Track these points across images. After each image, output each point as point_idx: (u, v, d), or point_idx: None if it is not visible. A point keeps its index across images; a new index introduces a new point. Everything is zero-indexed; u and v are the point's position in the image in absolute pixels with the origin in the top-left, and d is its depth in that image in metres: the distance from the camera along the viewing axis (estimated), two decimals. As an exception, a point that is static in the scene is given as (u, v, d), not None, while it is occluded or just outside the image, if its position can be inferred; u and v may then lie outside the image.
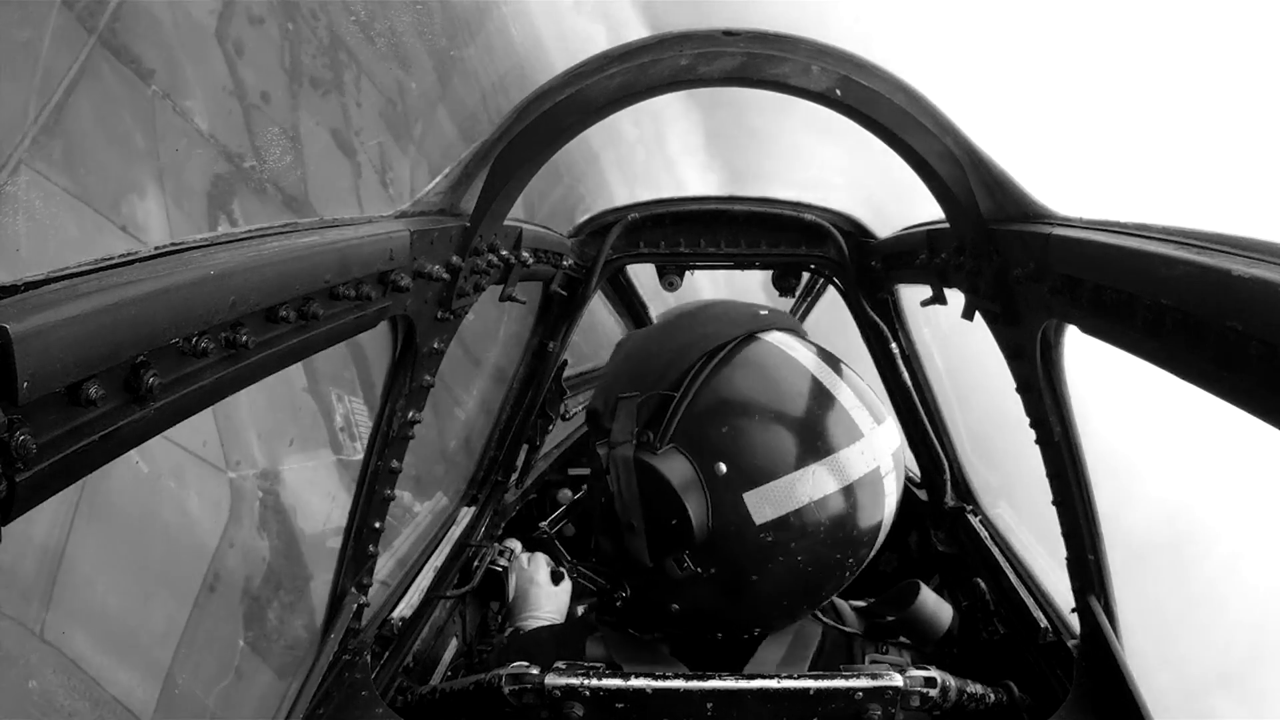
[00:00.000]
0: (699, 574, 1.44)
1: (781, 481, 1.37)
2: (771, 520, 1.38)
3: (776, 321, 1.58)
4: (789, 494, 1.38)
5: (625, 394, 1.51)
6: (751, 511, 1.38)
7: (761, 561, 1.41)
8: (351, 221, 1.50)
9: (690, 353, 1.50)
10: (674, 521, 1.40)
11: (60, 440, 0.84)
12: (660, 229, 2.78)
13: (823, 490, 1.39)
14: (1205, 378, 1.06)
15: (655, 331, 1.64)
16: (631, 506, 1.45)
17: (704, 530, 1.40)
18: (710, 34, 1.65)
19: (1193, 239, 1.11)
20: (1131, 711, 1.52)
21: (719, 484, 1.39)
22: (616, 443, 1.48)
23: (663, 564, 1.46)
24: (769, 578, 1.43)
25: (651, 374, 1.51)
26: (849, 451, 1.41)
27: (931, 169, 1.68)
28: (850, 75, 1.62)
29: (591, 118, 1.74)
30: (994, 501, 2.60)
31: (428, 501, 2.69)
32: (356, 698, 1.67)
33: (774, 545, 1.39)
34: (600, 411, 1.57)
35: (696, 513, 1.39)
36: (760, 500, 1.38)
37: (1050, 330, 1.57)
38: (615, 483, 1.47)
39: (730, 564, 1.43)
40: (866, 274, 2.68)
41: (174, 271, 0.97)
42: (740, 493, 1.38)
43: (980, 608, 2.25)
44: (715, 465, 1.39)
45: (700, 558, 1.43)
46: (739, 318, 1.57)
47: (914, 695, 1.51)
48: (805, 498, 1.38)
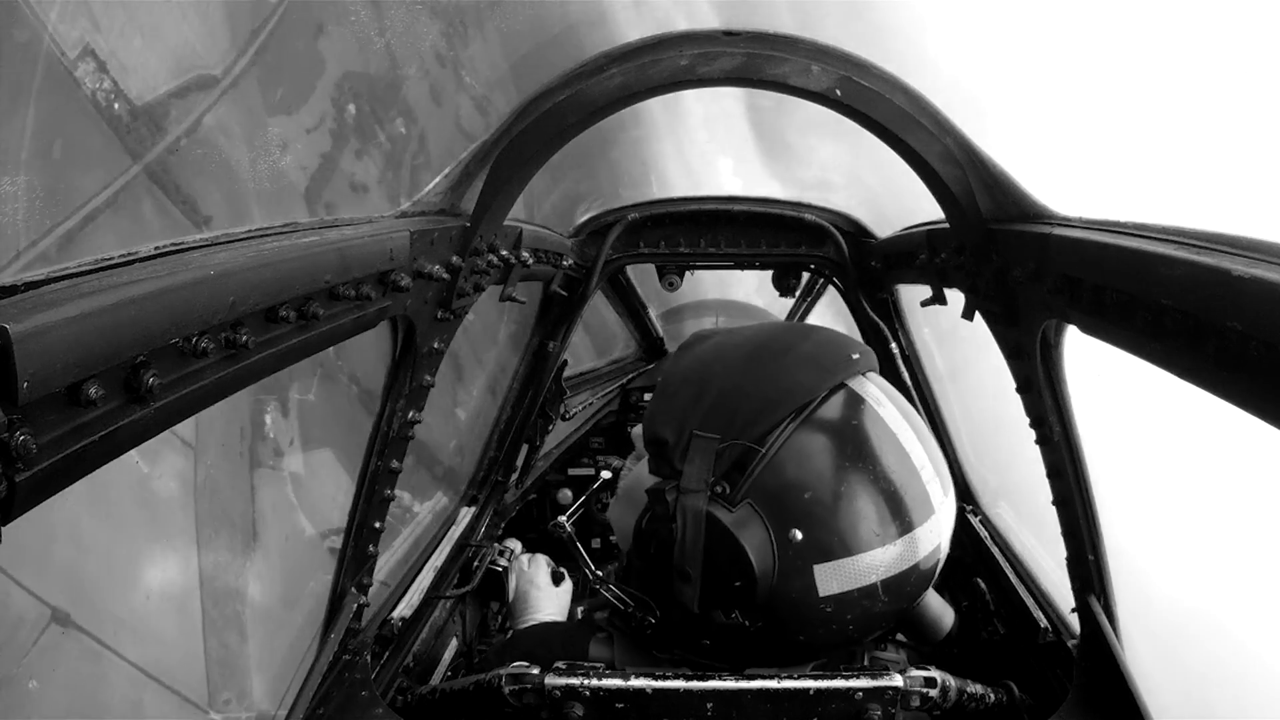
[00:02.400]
0: (745, 626, 1.42)
1: (854, 559, 1.35)
2: (836, 594, 1.36)
3: (864, 364, 1.51)
4: (859, 571, 1.36)
5: (703, 433, 1.41)
6: (818, 583, 1.35)
7: (814, 627, 1.40)
8: (351, 221, 1.50)
9: (782, 404, 1.40)
10: (737, 583, 1.37)
11: (60, 440, 0.84)
12: (660, 229, 2.79)
13: (891, 570, 1.38)
14: (1205, 378, 1.06)
15: (742, 364, 1.49)
16: (693, 557, 1.39)
17: (766, 594, 1.37)
18: (710, 34, 1.65)
19: (1193, 239, 1.11)
20: (1131, 711, 1.52)
21: (790, 551, 1.35)
22: (688, 489, 1.39)
23: (709, 612, 1.43)
24: (815, 639, 1.43)
25: (735, 419, 1.40)
26: (921, 530, 1.40)
27: (931, 169, 1.68)
28: (850, 75, 1.62)
29: (591, 118, 1.74)
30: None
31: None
32: (356, 698, 1.67)
33: (831, 615, 1.38)
34: (669, 444, 1.44)
35: (762, 576, 1.35)
36: (830, 574, 1.35)
37: (1050, 330, 1.57)
38: (680, 530, 1.39)
39: (781, 625, 1.41)
40: (866, 274, 2.68)
41: (174, 271, 0.97)
42: (812, 564, 1.35)
43: (980, 608, 2.25)
44: (791, 532, 1.35)
45: (751, 613, 1.40)
46: (832, 363, 1.47)
47: (914, 695, 1.51)
48: (874, 576, 1.37)
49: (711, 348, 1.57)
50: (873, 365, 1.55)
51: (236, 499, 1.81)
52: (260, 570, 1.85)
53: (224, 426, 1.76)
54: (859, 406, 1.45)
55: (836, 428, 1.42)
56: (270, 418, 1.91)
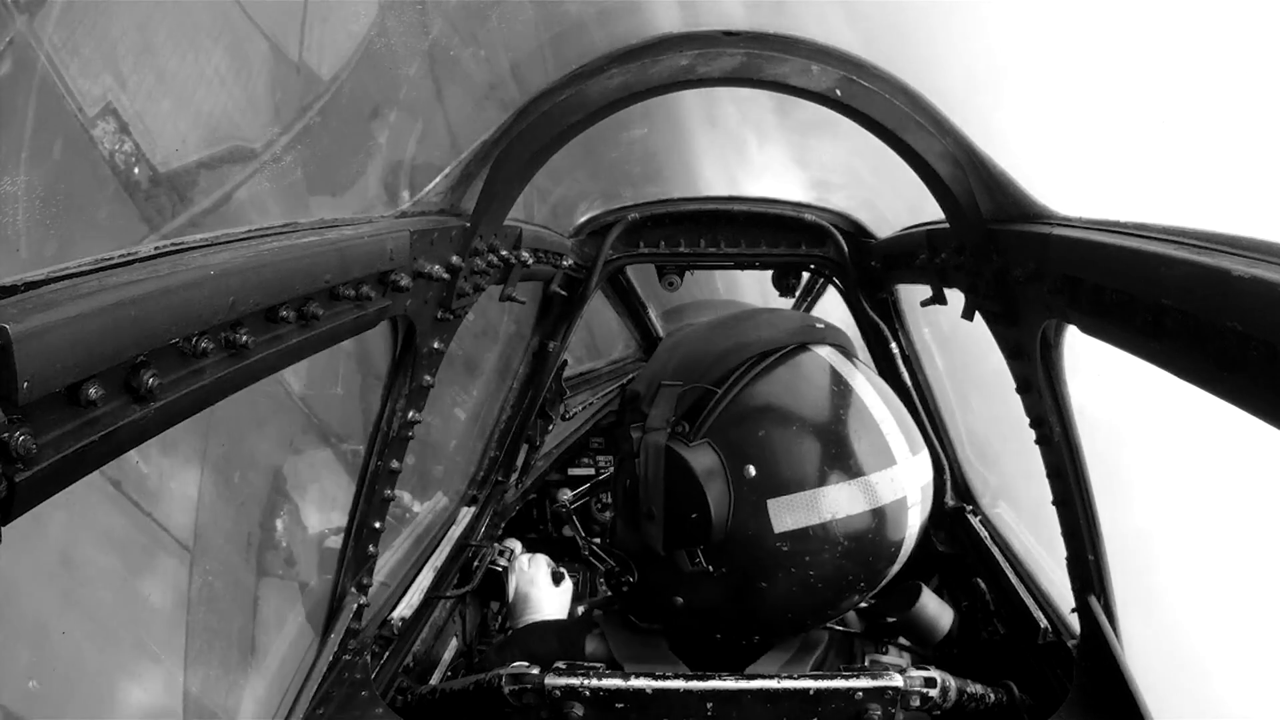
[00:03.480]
0: (709, 571, 1.44)
1: (807, 494, 1.37)
2: (791, 530, 1.38)
3: (830, 336, 1.58)
4: (812, 507, 1.38)
5: (669, 382, 1.52)
6: (772, 518, 1.38)
7: (773, 569, 1.41)
8: (351, 221, 1.50)
9: (740, 353, 1.50)
10: (694, 515, 1.40)
11: (60, 440, 0.84)
12: (660, 229, 2.79)
13: (846, 510, 1.38)
14: (1205, 378, 1.06)
15: (708, 327, 1.64)
16: (654, 493, 1.46)
17: (722, 529, 1.40)
18: (710, 34, 1.66)
19: (1193, 239, 1.11)
20: (1131, 711, 1.52)
21: (745, 486, 1.39)
22: (651, 429, 1.48)
23: (674, 555, 1.46)
24: (777, 587, 1.43)
25: (698, 367, 1.51)
26: (879, 476, 1.41)
27: (931, 169, 1.68)
28: (850, 75, 1.62)
29: (591, 118, 1.74)
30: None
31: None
32: (356, 698, 1.67)
33: (788, 555, 1.39)
34: (640, 395, 1.56)
35: (718, 510, 1.39)
36: (783, 508, 1.38)
37: (1050, 330, 1.57)
38: (643, 467, 1.47)
39: (741, 567, 1.43)
40: (866, 274, 2.68)
41: (174, 271, 0.97)
42: (765, 498, 1.38)
43: (980, 608, 2.25)
44: (745, 467, 1.39)
45: (713, 556, 1.43)
46: (794, 327, 1.57)
47: (914, 695, 1.51)
48: (828, 514, 1.38)
49: (689, 327, 1.74)
50: (843, 343, 1.59)
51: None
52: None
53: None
54: (816, 363, 1.51)
55: (793, 376, 1.48)
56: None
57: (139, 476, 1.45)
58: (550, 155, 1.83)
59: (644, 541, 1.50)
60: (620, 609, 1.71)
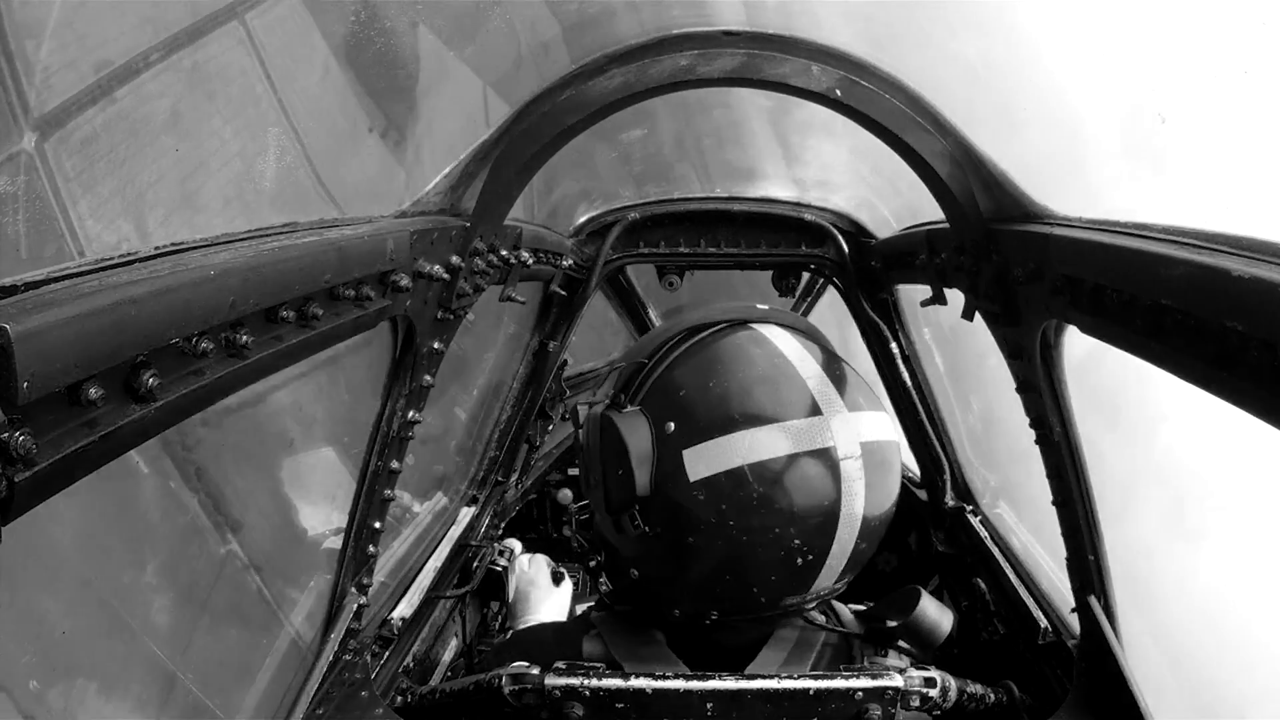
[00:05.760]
0: (647, 534, 1.47)
1: (719, 440, 1.38)
2: (704, 478, 1.38)
3: (775, 317, 1.59)
4: (723, 453, 1.37)
5: (616, 363, 1.66)
6: (687, 468, 1.39)
7: (695, 523, 1.39)
8: (351, 221, 1.50)
9: (675, 329, 1.59)
10: (620, 472, 1.45)
11: (60, 440, 0.84)
12: (660, 229, 2.79)
13: (757, 455, 1.36)
14: (1205, 378, 1.06)
15: (666, 318, 1.76)
16: (593, 461, 1.53)
17: (646, 485, 1.43)
18: (710, 34, 1.66)
19: (1192, 239, 1.11)
20: (1131, 711, 1.52)
21: (666, 441, 1.43)
22: (594, 403, 1.59)
23: (620, 522, 1.50)
24: (706, 542, 1.40)
25: (643, 349, 1.61)
26: (797, 424, 1.37)
27: (931, 169, 1.68)
28: (850, 75, 1.62)
29: (591, 118, 1.74)
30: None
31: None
32: (356, 698, 1.67)
33: (705, 504, 1.38)
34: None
35: (640, 464, 1.43)
36: (696, 457, 1.39)
37: (1050, 330, 1.57)
38: (586, 437, 1.57)
39: (669, 524, 1.44)
40: (866, 274, 2.68)
41: (174, 271, 0.97)
42: (680, 449, 1.41)
43: (980, 608, 2.25)
44: (665, 424, 1.44)
45: (647, 516, 1.46)
46: (736, 309, 1.62)
47: (914, 695, 1.51)
48: (738, 459, 1.36)
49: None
50: (793, 324, 1.60)
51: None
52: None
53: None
54: (752, 335, 1.53)
55: (721, 344, 1.53)
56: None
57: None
58: (550, 155, 1.83)
59: (595, 513, 1.59)
60: (609, 601, 1.77)
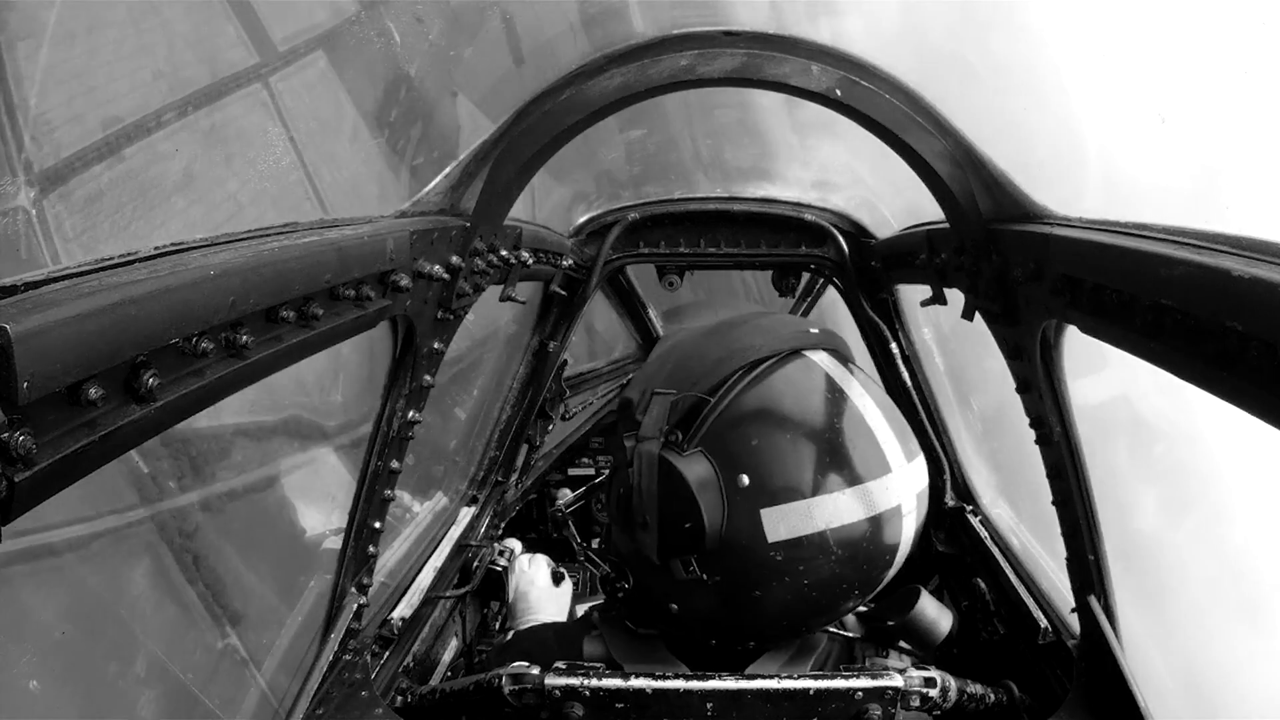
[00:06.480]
0: (703, 580, 1.43)
1: (801, 504, 1.36)
2: (784, 540, 1.37)
3: (825, 341, 1.56)
4: (806, 517, 1.37)
5: (661, 390, 1.50)
6: (766, 528, 1.37)
7: (767, 579, 1.40)
8: (351, 221, 1.50)
9: (732, 360, 1.48)
10: (688, 525, 1.39)
11: (60, 440, 0.84)
12: (660, 229, 2.78)
13: (840, 520, 1.37)
14: (1205, 378, 1.06)
15: (702, 334, 1.62)
16: (648, 503, 1.45)
17: (716, 538, 1.39)
18: (710, 34, 1.66)
19: (1192, 239, 1.11)
20: (1131, 711, 1.52)
21: (738, 495, 1.38)
22: (645, 437, 1.47)
23: (669, 563, 1.46)
24: (772, 596, 1.42)
25: (691, 375, 1.50)
26: (874, 485, 1.40)
27: (931, 169, 1.68)
28: (850, 75, 1.62)
29: (591, 118, 1.74)
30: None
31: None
32: (356, 698, 1.67)
33: (782, 564, 1.38)
34: (634, 402, 1.55)
35: (711, 520, 1.38)
36: (777, 518, 1.37)
37: (1050, 330, 1.57)
38: (637, 477, 1.46)
39: (735, 576, 1.42)
40: (866, 274, 2.68)
41: (174, 271, 0.97)
42: (758, 507, 1.37)
43: (980, 608, 2.25)
44: (738, 476, 1.38)
45: (707, 564, 1.42)
46: (787, 333, 1.55)
47: (914, 695, 1.51)
48: (822, 524, 1.37)
49: (683, 331, 1.63)
50: (838, 347, 1.59)
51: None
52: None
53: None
54: (811, 369, 1.50)
55: (786, 384, 1.47)
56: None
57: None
58: (550, 155, 1.83)
59: (639, 550, 1.50)
60: (617, 614, 1.71)
